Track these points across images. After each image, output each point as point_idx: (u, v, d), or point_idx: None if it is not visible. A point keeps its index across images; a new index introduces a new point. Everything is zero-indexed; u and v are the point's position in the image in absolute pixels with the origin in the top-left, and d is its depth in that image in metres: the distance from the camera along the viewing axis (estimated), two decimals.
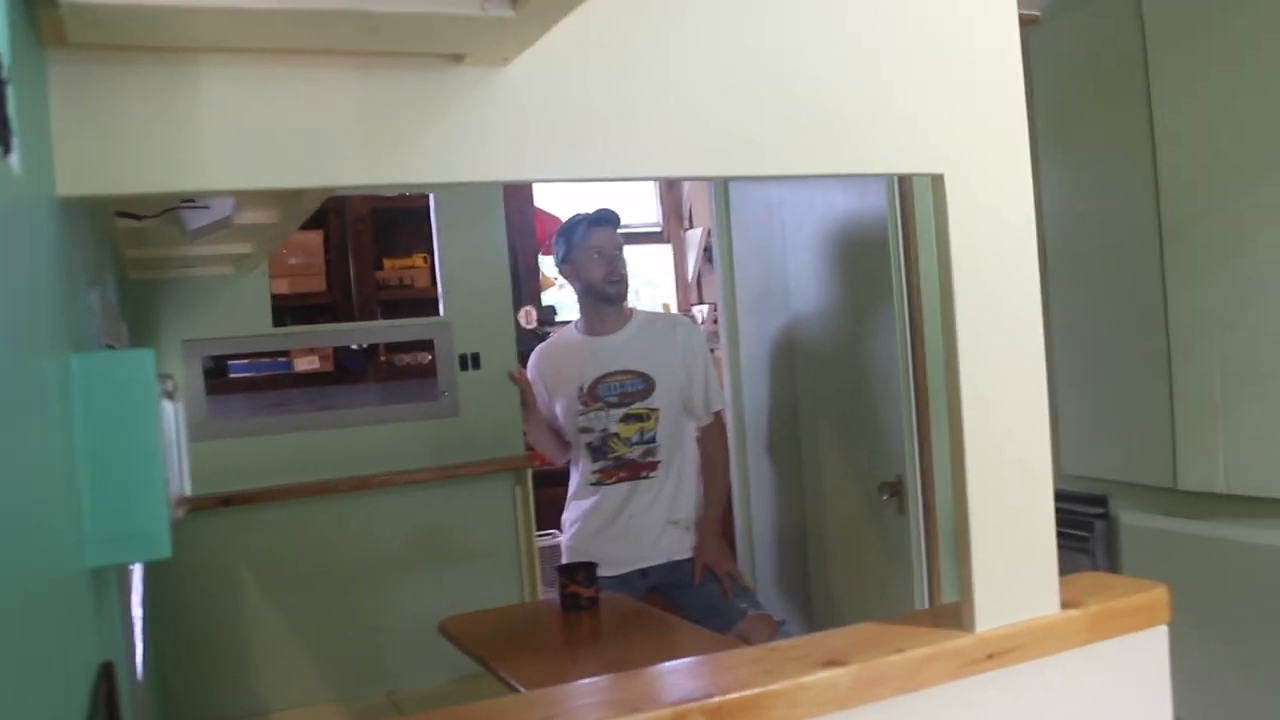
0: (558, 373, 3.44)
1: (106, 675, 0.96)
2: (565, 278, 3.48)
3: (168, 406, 1.02)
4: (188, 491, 1.05)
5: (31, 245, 0.81)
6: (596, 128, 1.15)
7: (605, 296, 3.37)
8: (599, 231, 3.35)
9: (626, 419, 3.34)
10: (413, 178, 1.08)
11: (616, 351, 3.38)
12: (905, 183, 2.83)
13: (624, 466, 3.35)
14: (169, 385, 1.04)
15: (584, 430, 3.36)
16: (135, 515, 0.97)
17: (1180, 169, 2.33)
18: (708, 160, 1.21)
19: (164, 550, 0.98)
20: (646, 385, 3.36)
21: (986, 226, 1.36)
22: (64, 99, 0.97)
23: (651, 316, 3.55)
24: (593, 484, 3.36)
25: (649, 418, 3.35)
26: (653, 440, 3.35)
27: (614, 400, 3.35)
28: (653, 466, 3.35)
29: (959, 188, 1.34)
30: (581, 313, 3.48)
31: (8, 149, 0.73)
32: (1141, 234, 2.41)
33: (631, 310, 3.46)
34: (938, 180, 1.33)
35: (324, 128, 1.06)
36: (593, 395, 3.36)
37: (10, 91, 0.73)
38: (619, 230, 3.44)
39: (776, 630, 3.17)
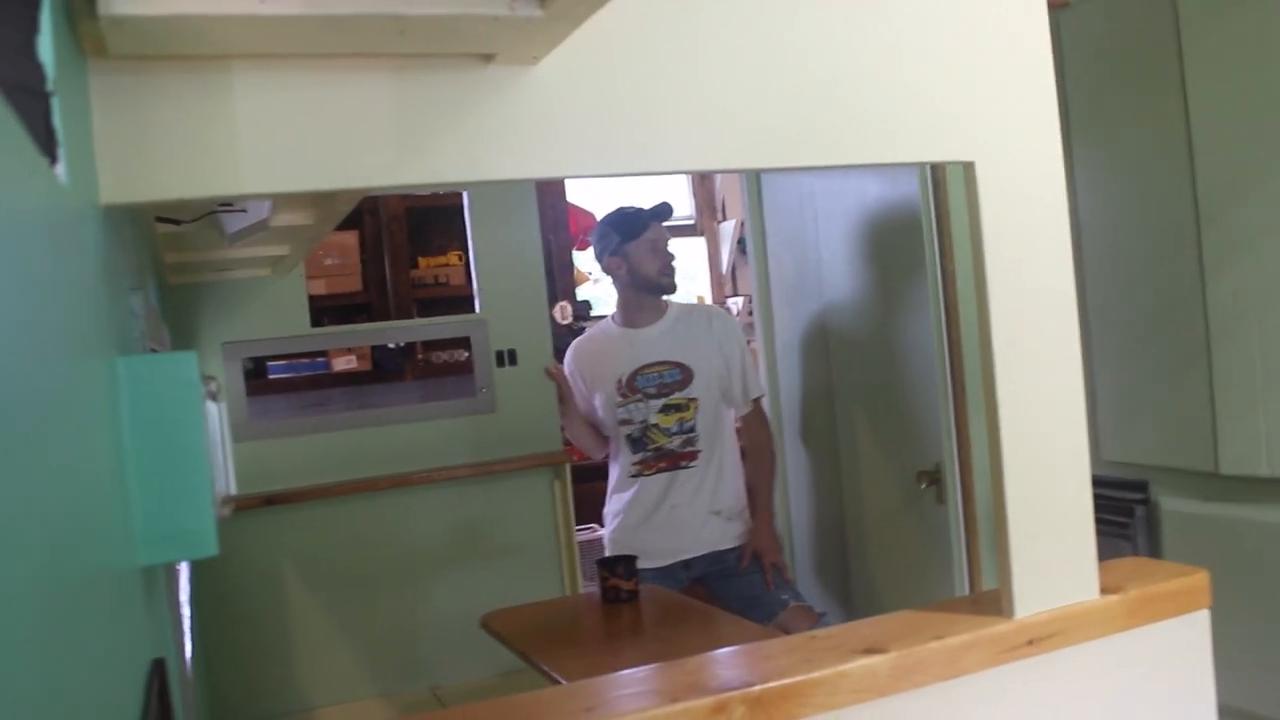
0: (595, 366, 3.46)
1: (158, 671, 0.98)
2: (609, 270, 3.45)
3: (212, 408, 1.04)
4: (233, 490, 1.07)
5: (79, 253, 0.83)
6: (626, 123, 1.16)
7: (659, 288, 3.39)
8: (657, 225, 3.39)
9: (665, 409, 3.36)
10: (445, 177, 1.10)
11: (654, 343, 3.40)
12: (938, 170, 2.81)
13: (664, 457, 3.37)
14: (213, 387, 1.06)
15: (624, 422, 3.38)
16: (182, 515, 0.99)
17: (1216, 150, 2.31)
18: (738, 154, 1.22)
19: (211, 549, 1.00)
20: (684, 375, 3.38)
21: (1019, 213, 1.36)
22: (105, 109, 0.99)
23: (686, 308, 3.56)
24: (633, 475, 3.38)
25: (688, 407, 3.36)
26: (692, 430, 3.36)
27: (653, 391, 3.37)
28: (693, 456, 3.36)
29: (990, 175, 1.34)
30: (620, 305, 3.50)
31: (54, 159, 0.75)
32: (1178, 216, 2.39)
33: (667, 303, 3.48)
34: (969, 168, 1.33)
35: (357, 130, 1.07)
36: (631, 387, 3.38)
37: (56, 104, 0.75)
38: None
39: (817, 622, 3.18)
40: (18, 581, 0.44)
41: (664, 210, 3.42)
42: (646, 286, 3.40)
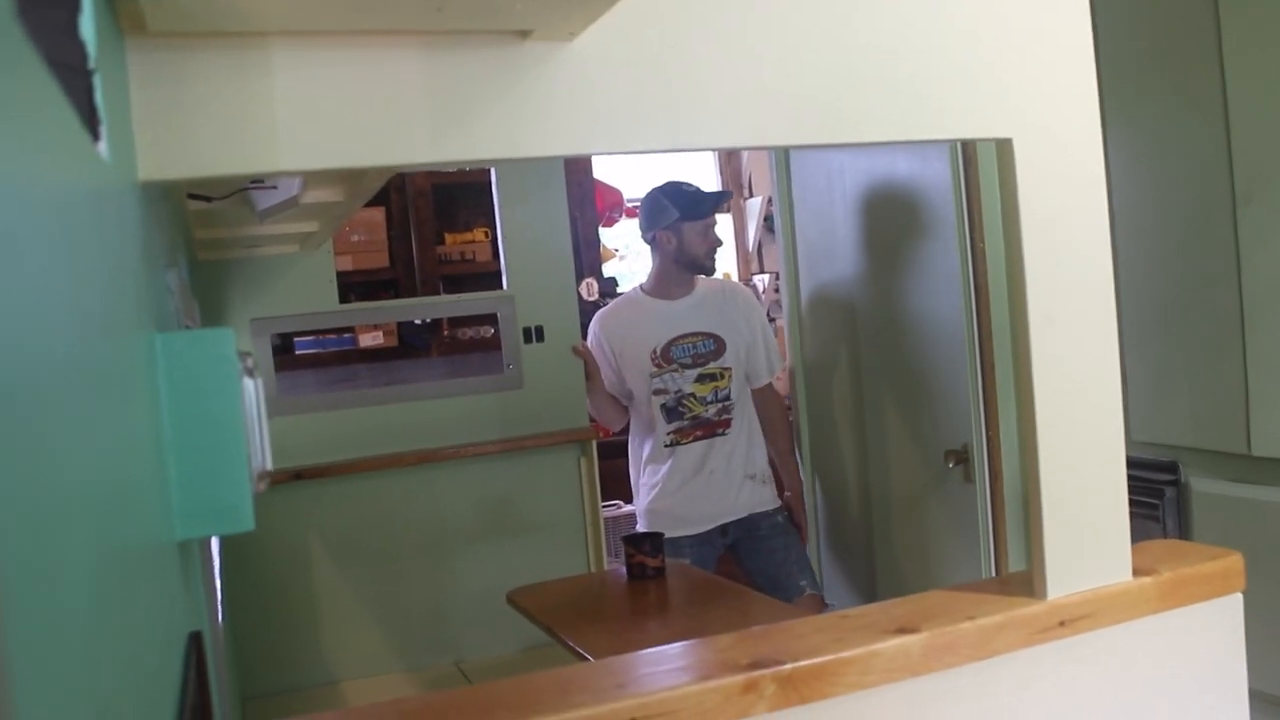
0: (627, 336, 3.51)
1: (195, 644, 0.99)
2: (658, 242, 3.51)
3: (248, 383, 1.05)
4: (269, 465, 1.08)
5: (119, 229, 0.84)
6: (663, 100, 1.15)
7: (701, 269, 3.51)
8: (717, 212, 3.53)
9: (701, 379, 3.45)
10: (481, 154, 1.10)
11: (687, 314, 3.49)
12: (969, 147, 2.80)
13: (700, 425, 3.45)
14: (249, 362, 1.06)
15: (659, 392, 3.43)
16: (219, 489, 1.00)
17: (1254, 129, 2.28)
18: (774, 130, 1.21)
19: (247, 523, 1.01)
20: (718, 346, 3.48)
21: (1056, 191, 1.35)
22: (143, 86, 0.99)
23: (711, 283, 3.63)
24: (668, 445, 3.44)
25: (722, 377, 3.47)
26: (727, 398, 3.47)
27: (688, 361, 3.46)
28: (727, 424, 3.46)
29: (1028, 152, 1.33)
30: (655, 276, 3.56)
31: (96, 137, 0.75)
32: (1213, 195, 2.36)
33: (695, 278, 3.56)
34: (1006, 145, 1.32)
35: (393, 107, 1.07)
36: (666, 357, 3.45)
37: (98, 81, 0.75)
38: None
39: (823, 612, 3.21)
40: (65, 555, 0.45)
41: (727, 197, 3.59)
42: (690, 265, 3.49)
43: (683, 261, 3.48)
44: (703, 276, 3.58)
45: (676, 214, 3.45)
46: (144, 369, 0.90)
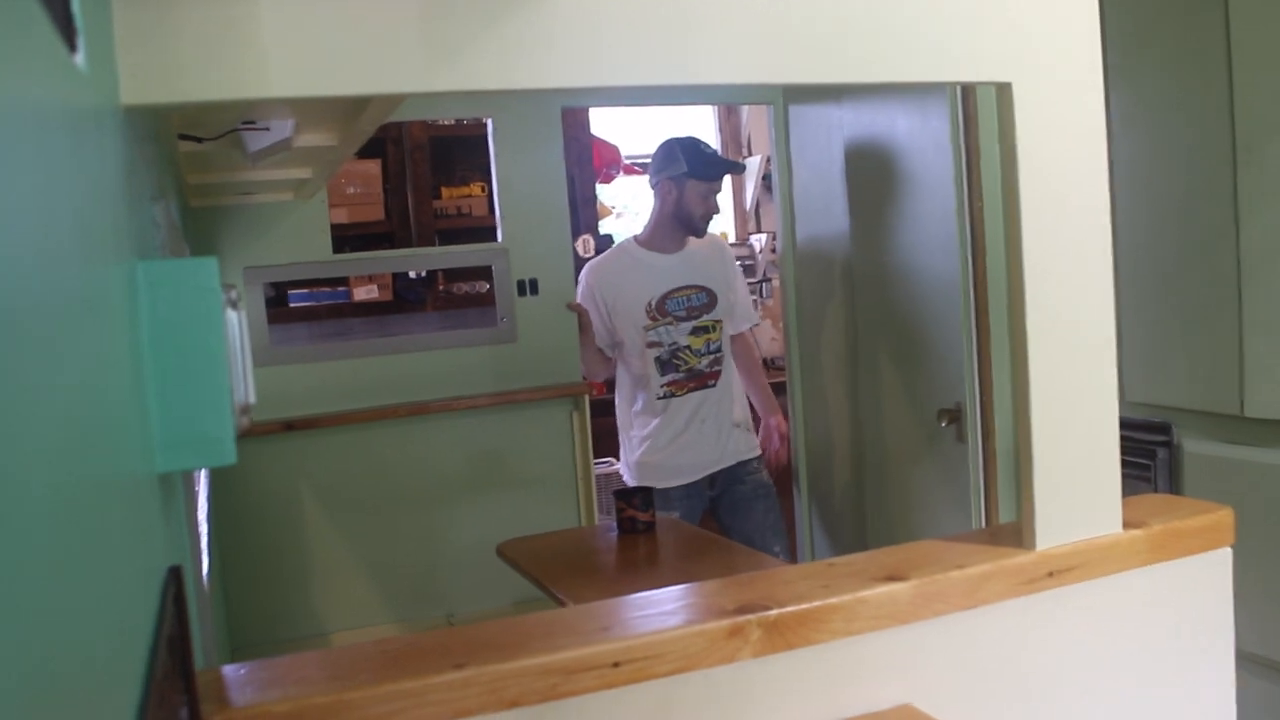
0: (619, 286, 3.52)
1: (175, 578, 0.98)
2: (660, 190, 3.54)
3: (232, 315, 1.03)
4: (252, 399, 1.06)
5: (98, 148, 0.82)
6: (661, 32, 1.13)
7: (694, 229, 3.54)
8: (725, 179, 3.62)
9: (695, 331, 3.50)
10: (474, 84, 1.07)
11: (681, 267, 3.53)
12: (969, 104, 2.77)
13: (694, 377, 3.50)
14: (233, 295, 1.05)
15: (652, 345, 3.44)
16: (201, 422, 0.99)
17: (1257, 86, 2.25)
18: (774, 67, 1.19)
19: (230, 457, 0.99)
20: (710, 299, 3.53)
21: (1056, 139, 1.33)
22: (126, 6, 0.97)
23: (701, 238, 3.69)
24: (661, 397, 3.45)
25: (714, 329, 3.53)
26: (718, 350, 3.54)
27: (682, 314, 3.50)
28: (717, 375, 3.53)
29: (1027, 98, 1.30)
30: (652, 227, 3.58)
31: (73, 48, 0.73)
32: (1213, 155, 2.34)
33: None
34: (1005, 90, 1.30)
35: (385, 34, 1.05)
36: (661, 310, 3.48)
37: None
38: None
39: None
40: (34, 483, 0.43)
41: (739, 169, 3.76)
42: (683, 223, 3.52)
43: (678, 217, 3.50)
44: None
45: (685, 168, 3.46)
46: (124, 297, 0.89)
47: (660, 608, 1.29)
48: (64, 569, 0.49)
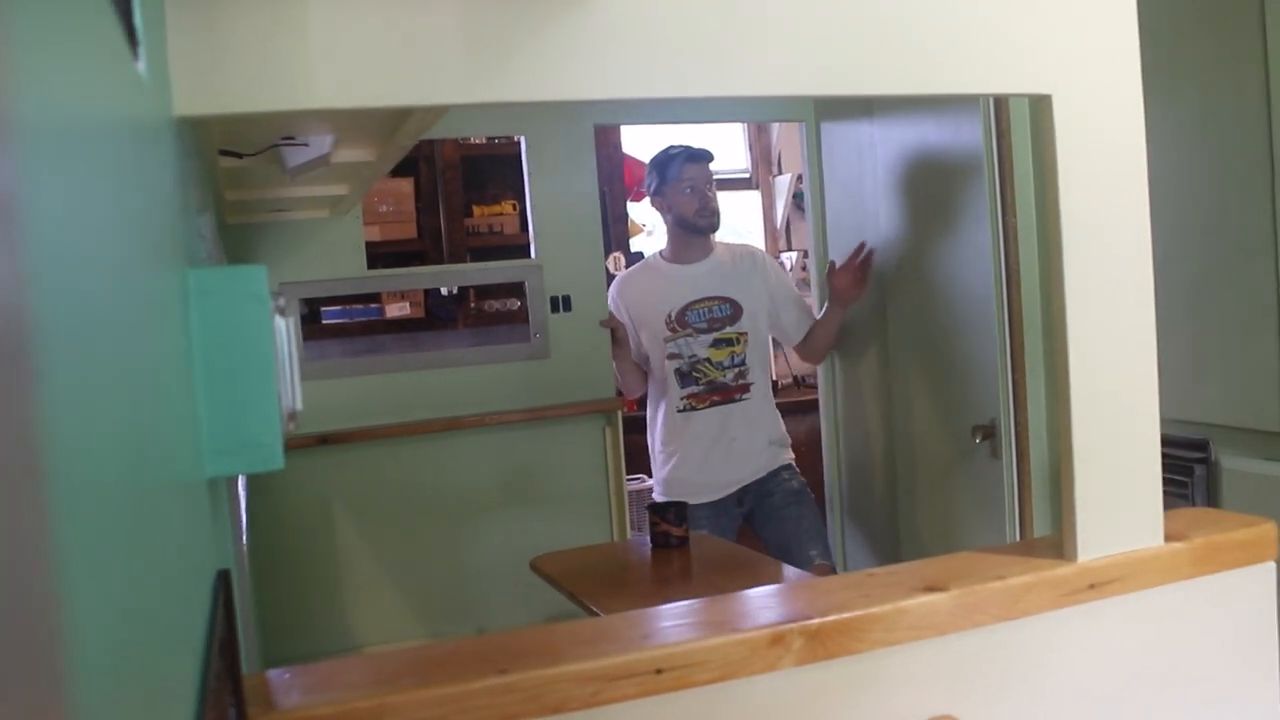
0: (643, 300, 3.52)
1: (224, 582, 0.99)
2: (656, 209, 3.56)
3: (280, 322, 1.04)
4: (299, 406, 1.08)
5: (157, 154, 0.84)
6: (696, 44, 1.14)
7: (697, 229, 3.48)
8: (693, 167, 3.46)
9: (716, 343, 3.46)
10: (516, 95, 1.09)
11: (703, 278, 3.49)
12: (1002, 118, 2.77)
13: (717, 390, 3.45)
14: (280, 302, 1.06)
15: (672, 356, 3.44)
16: (249, 427, 1.00)
17: None
18: (808, 79, 1.20)
19: (277, 462, 1.00)
20: (734, 310, 3.48)
21: (1096, 150, 1.33)
22: (179, 20, 0.99)
23: (730, 246, 3.67)
24: (681, 410, 3.43)
25: (738, 341, 3.47)
26: (743, 363, 3.48)
27: (703, 326, 3.46)
28: (745, 389, 3.47)
29: (1067, 109, 1.31)
30: (670, 241, 3.57)
31: (136, 55, 0.75)
32: (1251, 167, 2.33)
33: (714, 241, 3.57)
34: (1044, 101, 1.30)
35: (429, 46, 1.06)
36: (681, 321, 3.45)
37: (136, 3, 0.75)
38: (710, 165, 3.55)
39: None
40: (97, 487, 0.44)
41: (699, 153, 3.50)
42: (685, 227, 3.49)
43: (681, 225, 3.49)
44: (721, 242, 3.60)
45: (658, 179, 3.47)
46: (176, 304, 0.90)
47: (700, 617, 1.29)
48: (128, 571, 0.50)
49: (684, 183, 3.44)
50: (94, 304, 0.45)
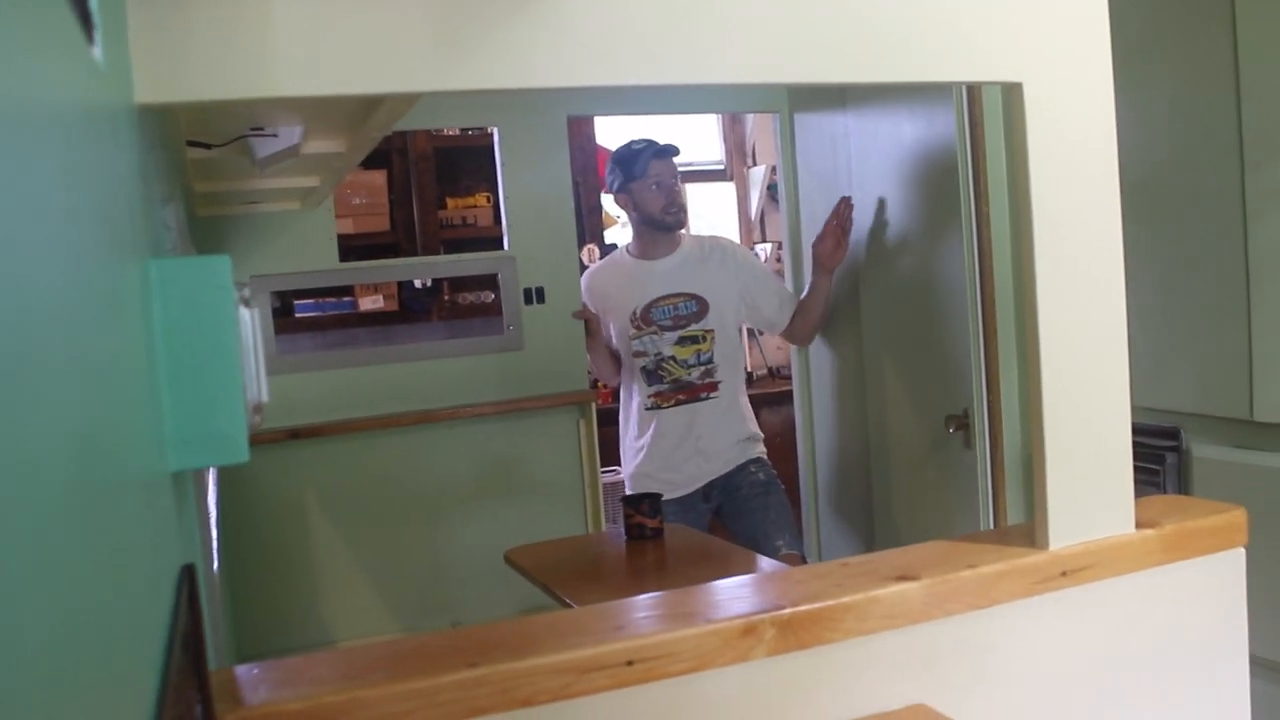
0: (608, 296, 3.50)
1: (188, 576, 0.98)
2: (620, 206, 3.51)
3: (244, 313, 1.03)
4: (265, 398, 1.06)
5: (115, 143, 0.82)
6: (665, 32, 1.13)
7: (665, 226, 3.41)
8: (659, 164, 3.39)
9: (682, 341, 3.39)
10: (484, 83, 1.08)
11: (669, 274, 3.43)
12: (975, 109, 2.77)
13: (683, 389, 3.40)
14: (245, 293, 1.05)
15: (637, 354, 3.40)
16: (214, 420, 0.98)
17: (1265, 92, 2.25)
18: (781, 66, 1.19)
19: (242, 455, 0.99)
20: (700, 307, 3.41)
21: (1066, 139, 1.33)
22: (139, 6, 0.97)
23: (699, 240, 3.58)
24: (649, 408, 3.40)
25: (704, 339, 3.40)
26: (710, 361, 3.40)
27: (668, 323, 3.40)
28: (713, 387, 3.41)
29: (1038, 98, 1.31)
30: (635, 237, 3.52)
31: (91, 41, 0.73)
32: (1221, 158, 2.34)
33: (681, 235, 3.50)
34: (1015, 90, 1.30)
35: (396, 34, 1.05)
36: (646, 319, 3.41)
37: None
38: (676, 160, 3.48)
39: None
40: (51, 478, 0.43)
41: (666, 149, 3.42)
42: (652, 224, 3.42)
43: (646, 222, 3.42)
44: (690, 235, 3.53)
45: (622, 176, 3.40)
46: (137, 294, 0.89)
47: (673, 608, 1.29)
48: (80, 566, 0.49)
49: (650, 179, 3.37)
50: (38, 294, 0.44)
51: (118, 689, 0.56)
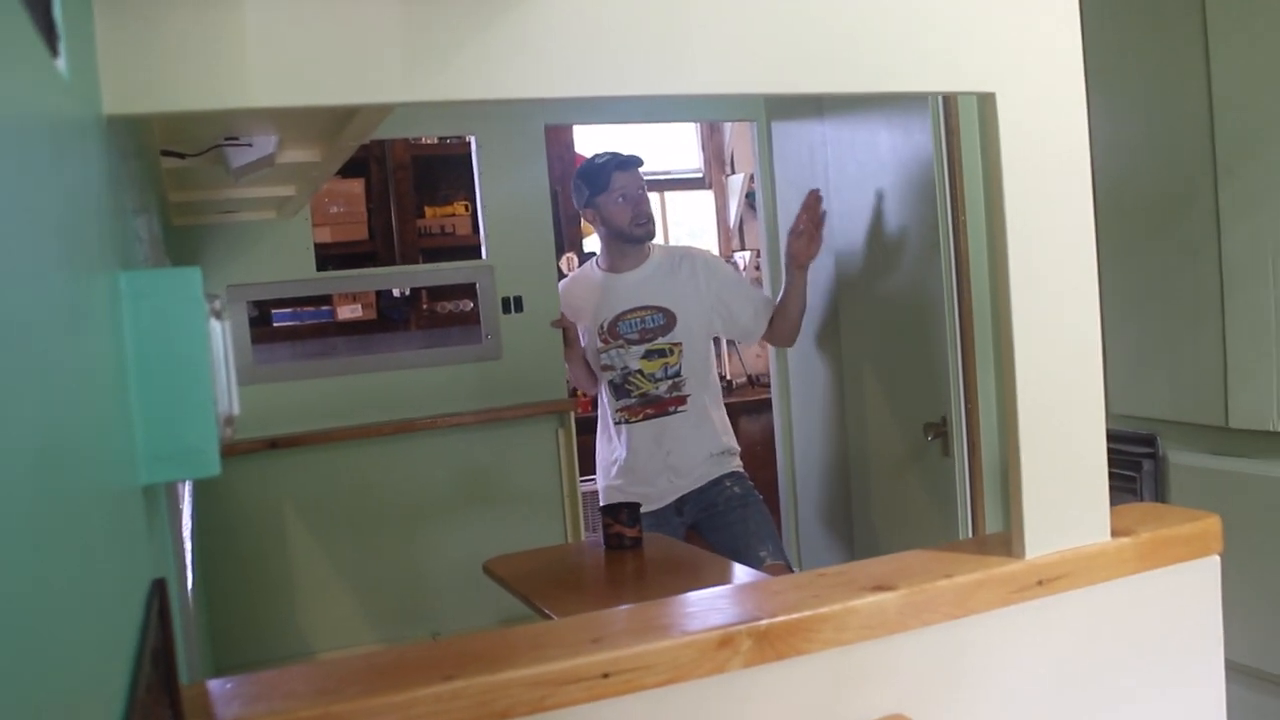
0: (578, 309, 3.49)
1: (159, 591, 0.97)
2: (589, 221, 3.48)
3: (216, 325, 1.02)
4: (236, 410, 1.05)
5: (81, 154, 0.81)
6: (640, 42, 1.13)
7: (633, 238, 3.38)
8: (623, 175, 3.35)
9: (649, 355, 3.36)
10: (458, 94, 1.07)
11: (636, 287, 3.40)
12: (951, 117, 2.78)
13: (651, 403, 3.36)
14: (216, 305, 1.04)
15: (606, 368, 3.39)
16: (185, 433, 0.98)
17: (1237, 100, 2.27)
18: (756, 76, 1.19)
19: (213, 468, 0.98)
20: (668, 320, 3.36)
21: (1039, 149, 1.33)
22: (108, 16, 0.96)
23: (669, 251, 3.54)
24: (617, 423, 3.39)
25: (671, 353, 3.36)
26: (678, 374, 3.36)
27: (634, 337, 3.37)
28: (681, 401, 3.37)
29: (1011, 108, 1.31)
30: (603, 251, 3.50)
31: (55, 52, 0.73)
32: (1194, 165, 2.35)
33: (650, 247, 3.46)
34: (989, 100, 1.30)
35: (368, 44, 1.05)
36: (613, 333, 3.38)
37: None
38: (640, 170, 3.43)
39: None
40: (12, 494, 0.43)
41: (628, 160, 3.38)
42: (621, 236, 3.38)
43: (614, 235, 3.39)
44: (660, 246, 3.50)
45: (588, 191, 3.37)
46: (106, 307, 0.88)
47: (650, 619, 1.28)
48: (44, 582, 0.48)
49: (615, 192, 3.33)
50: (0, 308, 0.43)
51: (82, 706, 0.56)
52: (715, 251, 5.85)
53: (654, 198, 5.86)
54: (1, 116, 0.49)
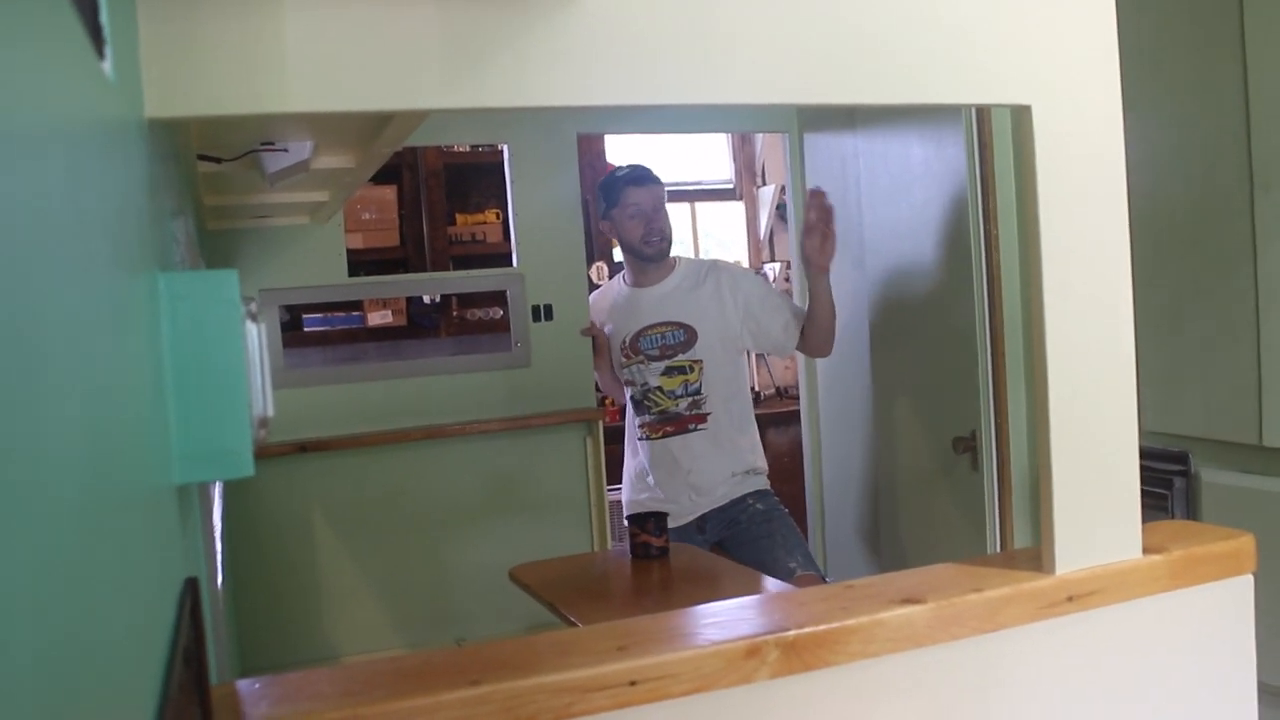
0: (605, 323, 3.48)
1: (191, 589, 0.98)
2: (606, 233, 3.48)
3: (251, 328, 1.03)
4: (270, 412, 1.06)
5: (125, 156, 0.82)
6: (674, 52, 1.14)
7: (643, 256, 3.33)
8: (637, 191, 3.29)
9: (669, 371, 3.30)
10: (493, 101, 1.08)
11: (657, 303, 3.34)
12: (985, 131, 2.77)
13: (670, 420, 3.30)
14: (252, 307, 1.05)
15: (627, 383, 3.37)
16: (220, 434, 0.98)
17: (1274, 113, 2.25)
18: (790, 87, 1.20)
19: (247, 469, 0.99)
20: (688, 336, 3.29)
21: (1075, 161, 1.33)
22: (151, 20, 0.98)
23: (695, 265, 3.45)
24: (640, 439, 3.37)
25: (692, 369, 3.28)
26: (698, 392, 3.28)
27: (655, 354, 3.31)
28: (701, 419, 3.29)
29: (1047, 121, 1.30)
30: (626, 264, 3.48)
31: (102, 55, 0.74)
32: (1230, 180, 2.33)
33: (675, 260, 3.40)
34: (1025, 112, 1.30)
35: (406, 50, 1.06)
36: (634, 348, 3.35)
37: (103, 2, 0.73)
38: (658, 187, 3.35)
39: None
40: (56, 490, 0.43)
41: (641, 175, 3.32)
42: (632, 253, 3.35)
43: (629, 251, 3.35)
44: (686, 260, 3.43)
45: (605, 204, 3.34)
46: (145, 308, 0.89)
47: (677, 628, 1.28)
48: (82, 578, 0.48)
49: (627, 207, 3.27)
50: (45, 307, 0.44)
51: (117, 703, 0.56)
52: (745, 263, 5.84)
53: (684, 208, 5.90)
54: (53, 117, 0.50)
